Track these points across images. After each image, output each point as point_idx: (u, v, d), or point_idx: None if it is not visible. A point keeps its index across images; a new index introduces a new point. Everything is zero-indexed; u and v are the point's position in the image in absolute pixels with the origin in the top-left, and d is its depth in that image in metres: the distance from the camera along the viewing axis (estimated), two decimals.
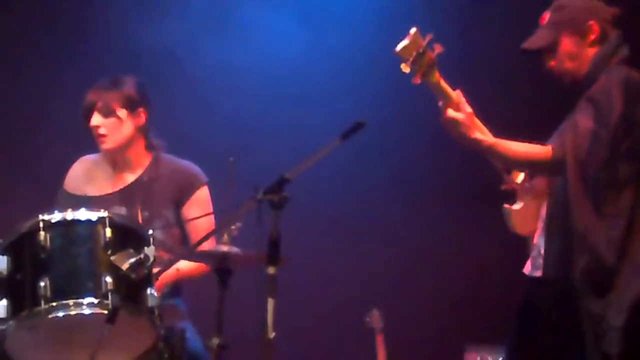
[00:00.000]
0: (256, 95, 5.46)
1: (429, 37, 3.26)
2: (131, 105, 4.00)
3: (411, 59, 3.23)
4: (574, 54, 3.47)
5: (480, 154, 3.45)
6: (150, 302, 3.33)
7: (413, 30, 3.25)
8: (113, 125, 3.97)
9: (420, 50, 3.24)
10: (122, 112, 3.98)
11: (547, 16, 3.54)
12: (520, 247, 3.65)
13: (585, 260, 3.27)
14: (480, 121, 3.38)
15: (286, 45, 5.49)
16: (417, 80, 3.27)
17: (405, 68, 3.24)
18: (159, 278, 3.63)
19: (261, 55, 5.44)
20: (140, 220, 3.90)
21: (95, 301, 3.24)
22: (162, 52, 5.29)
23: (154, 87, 4.14)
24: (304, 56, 5.48)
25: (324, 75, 5.47)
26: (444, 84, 3.34)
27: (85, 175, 4.10)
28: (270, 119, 5.45)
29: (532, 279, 3.51)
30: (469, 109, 3.32)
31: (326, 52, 5.48)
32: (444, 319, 5.45)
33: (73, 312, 3.23)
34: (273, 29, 5.49)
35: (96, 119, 3.96)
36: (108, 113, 3.96)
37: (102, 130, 3.97)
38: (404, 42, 3.24)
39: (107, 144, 3.99)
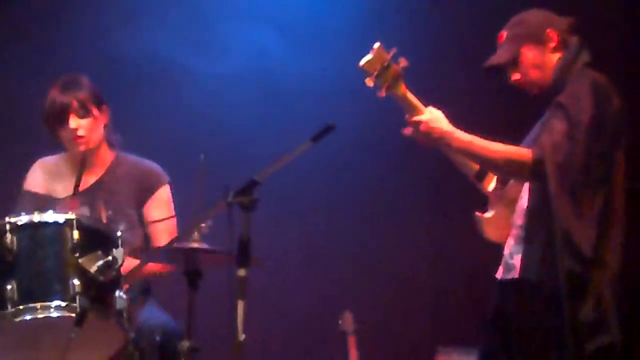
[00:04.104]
0: (230, 99, 5.45)
1: (393, 51, 3.30)
2: (99, 103, 3.96)
3: (375, 73, 3.28)
4: (538, 63, 3.49)
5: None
6: (119, 305, 3.31)
7: (377, 44, 3.30)
8: (90, 126, 3.92)
9: (385, 64, 3.29)
10: (95, 111, 3.94)
11: (505, 33, 3.56)
12: (492, 250, 3.65)
13: (569, 261, 3.28)
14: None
15: (260, 52, 5.49)
16: (382, 94, 3.33)
17: (369, 82, 3.30)
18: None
19: (236, 62, 5.45)
20: (104, 220, 3.86)
21: (63, 304, 3.21)
22: (140, 58, 5.28)
23: (130, 90, 4.14)
24: (277, 63, 5.49)
25: (298, 80, 5.47)
26: (410, 96, 3.37)
27: (48, 176, 4.04)
28: (243, 120, 5.45)
29: (502, 283, 3.51)
30: (439, 111, 3.36)
31: (300, 59, 5.49)
32: (416, 321, 5.45)
33: (40, 316, 3.20)
34: (248, 39, 5.50)
35: (74, 121, 3.90)
36: (85, 113, 3.91)
37: (81, 132, 3.91)
38: (368, 57, 3.30)
39: (86, 145, 3.93)
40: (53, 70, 5.07)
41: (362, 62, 3.28)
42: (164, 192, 4.01)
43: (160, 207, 3.97)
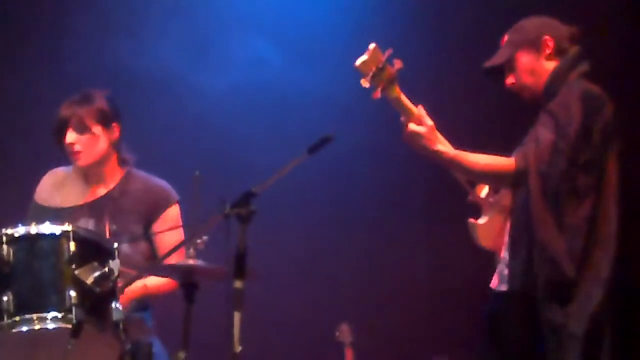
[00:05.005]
0: (229, 111, 5.48)
1: (388, 53, 3.29)
2: (105, 121, 3.96)
3: (370, 74, 3.27)
4: (531, 69, 3.53)
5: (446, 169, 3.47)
6: (115, 316, 3.30)
7: (372, 45, 3.29)
8: (88, 142, 3.93)
9: (380, 65, 3.28)
10: (96, 128, 3.94)
11: (505, 37, 3.61)
12: (488, 259, 3.66)
13: (547, 272, 3.30)
14: (444, 134, 3.40)
15: (260, 65, 5.52)
16: (377, 95, 3.31)
17: (365, 83, 3.28)
18: (125, 293, 3.62)
19: (235, 74, 5.48)
20: (107, 234, 3.87)
21: (59, 315, 3.20)
22: (140, 70, 5.31)
23: (130, 102, 4.17)
24: (277, 75, 5.52)
25: (297, 92, 5.50)
26: (404, 99, 3.36)
27: (55, 187, 4.06)
28: (243, 132, 5.47)
29: (497, 294, 3.52)
30: (430, 122, 3.34)
31: (300, 71, 5.51)
32: (414, 333, 5.46)
33: (37, 327, 3.19)
34: (248, 52, 5.52)
35: (71, 136, 3.92)
36: (83, 129, 3.92)
37: (77, 147, 3.93)
38: (363, 58, 3.29)
39: (83, 161, 3.95)
40: (55, 82, 5.12)
41: (358, 62, 3.28)
42: (174, 211, 4.02)
43: (170, 225, 3.96)
